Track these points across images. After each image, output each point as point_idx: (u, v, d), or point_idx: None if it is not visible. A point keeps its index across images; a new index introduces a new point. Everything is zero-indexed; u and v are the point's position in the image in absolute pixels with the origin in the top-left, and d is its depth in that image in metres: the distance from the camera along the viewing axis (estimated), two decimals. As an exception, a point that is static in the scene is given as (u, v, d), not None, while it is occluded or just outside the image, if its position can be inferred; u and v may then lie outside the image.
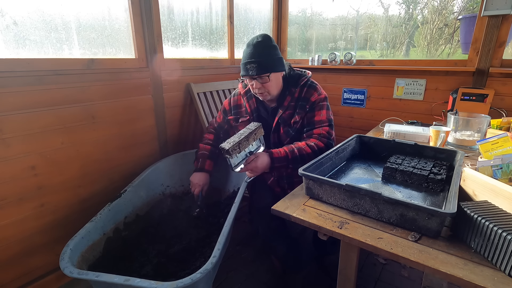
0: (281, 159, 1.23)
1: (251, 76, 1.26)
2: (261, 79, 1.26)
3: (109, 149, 1.54)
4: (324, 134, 1.31)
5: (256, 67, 1.23)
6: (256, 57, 1.23)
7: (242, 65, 1.28)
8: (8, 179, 1.21)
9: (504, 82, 1.82)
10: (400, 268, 1.62)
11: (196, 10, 1.97)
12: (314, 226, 0.83)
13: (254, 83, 1.28)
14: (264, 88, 1.29)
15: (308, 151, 1.25)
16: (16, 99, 1.18)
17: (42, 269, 1.39)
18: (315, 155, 1.18)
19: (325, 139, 1.30)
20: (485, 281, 0.61)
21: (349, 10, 2.49)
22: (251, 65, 1.24)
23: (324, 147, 1.28)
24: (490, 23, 1.78)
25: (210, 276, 0.99)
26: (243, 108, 1.46)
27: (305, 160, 1.19)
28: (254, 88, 1.30)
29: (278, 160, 1.22)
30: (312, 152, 1.25)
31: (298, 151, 1.25)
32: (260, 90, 1.29)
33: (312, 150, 1.26)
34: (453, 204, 0.74)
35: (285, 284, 1.53)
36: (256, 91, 1.31)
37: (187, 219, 1.56)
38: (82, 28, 1.41)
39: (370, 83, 2.32)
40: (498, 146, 1.07)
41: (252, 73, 1.24)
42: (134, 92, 1.60)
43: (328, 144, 1.30)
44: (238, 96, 1.49)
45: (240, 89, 1.49)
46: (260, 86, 1.28)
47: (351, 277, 0.91)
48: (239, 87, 1.50)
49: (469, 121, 1.49)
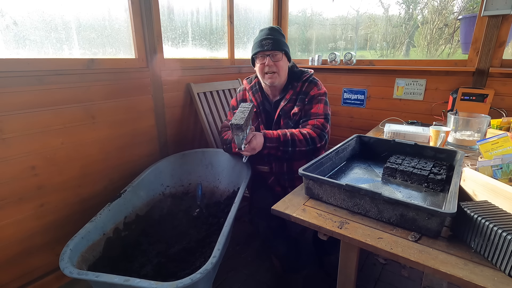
0: (272, 140, 1.27)
1: (265, 52, 1.31)
2: (274, 57, 1.32)
3: (109, 149, 1.54)
4: (318, 125, 1.34)
5: (272, 43, 1.30)
6: (271, 35, 1.32)
7: (257, 43, 1.33)
8: (8, 179, 1.21)
9: (504, 82, 1.82)
10: (400, 268, 1.62)
11: (196, 10, 1.97)
12: (314, 226, 0.83)
13: (267, 60, 1.31)
14: (275, 67, 1.32)
15: (299, 137, 1.29)
16: (16, 99, 1.18)
17: (42, 269, 1.39)
18: (307, 143, 1.29)
19: (319, 130, 1.33)
20: (485, 281, 0.61)
21: (349, 10, 2.49)
22: (266, 41, 1.30)
23: (316, 138, 1.31)
24: (490, 23, 1.78)
25: (210, 276, 0.99)
26: (252, 97, 1.48)
27: (296, 145, 1.28)
28: (266, 65, 1.32)
29: (270, 140, 1.27)
30: (303, 139, 1.29)
31: (290, 135, 1.29)
32: (271, 68, 1.32)
33: (304, 137, 1.29)
34: (453, 204, 0.74)
35: (285, 284, 1.52)
36: (267, 69, 1.33)
37: (187, 219, 1.56)
38: (82, 28, 1.41)
39: (370, 83, 2.32)
40: (498, 146, 1.07)
41: (267, 47, 1.30)
42: (134, 92, 1.60)
43: (321, 135, 1.33)
44: (244, 91, 1.52)
45: (245, 85, 1.52)
46: (272, 63, 1.31)
47: (351, 277, 0.91)
48: (244, 83, 1.53)
49: (469, 121, 1.49)
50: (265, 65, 1.32)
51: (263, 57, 1.32)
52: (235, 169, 1.62)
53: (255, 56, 1.35)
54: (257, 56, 1.34)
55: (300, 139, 1.29)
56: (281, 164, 1.42)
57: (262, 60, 1.33)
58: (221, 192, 1.69)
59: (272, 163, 1.45)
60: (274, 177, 1.47)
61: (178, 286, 0.83)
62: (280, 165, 1.43)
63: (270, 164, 1.46)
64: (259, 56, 1.33)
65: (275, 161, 1.43)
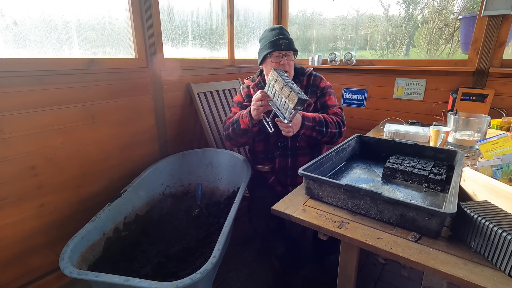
0: (309, 119, 1.31)
1: (281, 51, 1.34)
2: (288, 57, 1.36)
3: (109, 149, 1.54)
4: (338, 113, 1.45)
5: (287, 43, 1.35)
6: (285, 35, 1.37)
7: (272, 42, 1.34)
8: (8, 179, 1.21)
9: (504, 82, 1.82)
10: (400, 268, 1.62)
11: (196, 10, 1.97)
12: (314, 226, 0.83)
13: (283, 59, 1.35)
14: (288, 66, 1.37)
15: (329, 119, 1.37)
16: (16, 99, 1.18)
17: (42, 269, 1.39)
18: (336, 125, 1.38)
19: (340, 117, 1.44)
20: (485, 281, 0.61)
21: (349, 10, 2.49)
22: (283, 40, 1.34)
23: (341, 122, 1.41)
24: (490, 23, 1.78)
25: (210, 276, 0.99)
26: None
27: (329, 126, 1.34)
28: (281, 64, 1.35)
29: (307, 119, 1.30)
30: (333, 121, 1.37)
31: (323, 117, 1.36)
32: (285, 67, 1.36)
33: (332, 120, 1.38)
34: (453, 204, 0.74)
35: (285, 284, 1.52)
36: (281, 67, 1.36)
37: (187, 219, 1.56)
38: (82, 28, 1.41)
39: (370, 83, 2.32)
40: (498, 146, 1.07)
41: (284, 47, 1.34)
42: (134, 92, 1.60)
43: (343, 121, 1.43)
44: (248, 89, 1.52)
45: (248, 83, 1.54)
46: (286, 62, 1.36)
47: (351, 277, 0.91)
48: (246, 82, 1.55)
49: (469, 121, 1.49)
50: (280, 64, 1.35)
51: (278, 56, 1.35)
52: (235, 169, 1.62)
53: (269, 55, 1.36)
54: (272, 55, 1.36)
55: (330, 121, 1.36)
56: (285, 159, 1.43)
57: (277, 59, 1.35)
58: (221, 192, 1.69)
59: (276, 159, 1.45)
60: (275, 177, 1.47)
61: (178, 286, 0.83)
62: (285, 160, 1.44)
63: (274, 161, 1.46)
64: (275, 55, 1.35)
65: (280, 157, 1.44)
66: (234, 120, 1.39)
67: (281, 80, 1.14)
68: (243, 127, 1.33)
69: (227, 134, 1.44)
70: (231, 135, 1.41)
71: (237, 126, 1.36)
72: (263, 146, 1.49)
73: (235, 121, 1.37)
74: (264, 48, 1.38)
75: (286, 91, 1.10)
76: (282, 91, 1.13)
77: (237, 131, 1.37)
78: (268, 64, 1.38)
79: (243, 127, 1.34)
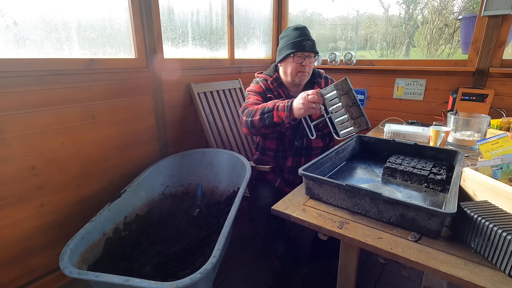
0: None
1: (304, 52, 1.34)
2: (310, 59, 1.37)
3: (109, 149, 1.54)
4: None
5: (312, 45, 1.35)
6: (309, 37, 1.36)
7: (296, 42, 1.34)
8: (8, 179, 1.21)
9: (504, 82, 1.82)
10: (400, 268, 1.62)
11: (196, 10, 1.97)
12: (314, 226, 0.83)
13: (305, 60, 1.35)
14: (308, 68, 1.38)
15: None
16: (16, 99, 1.18)
17: (42, 269, 1.39)
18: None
19: None
20: (485, 281, 0.61)
21: (349, 10, 2.49)
22: (307, 42, 1.34)
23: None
24: (490, 23, 1.78)
25: (210, 276, 0.99)
26: (275, 92, 1.46)
27: None
28: (303, 65, 1.35)
29: None
30: None
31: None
32: (305, 68, 1.37)
33: None
34: (453, 204, 0.74)
35: (285, 284, 1.52)
36: (303, 69, 1.37)
37: (187, 219, 1.56)
38: (82, 28, 1.41)
39: (370, 83, 2.32)
40: (498, 146, 1.07)
41: (309, 49, 1.34)
42: (134, 92, 1.60)
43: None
44: (267, 82, 1.47)
45: (265, 77, 1.50)
46: (308, 64, 1.36)
47: (351, 277, 0.91)
48: (262, 76, 1.51)
49: (469, 121, 1.49)
50: (302, 65, 1.35)
51: (301, 57, 1.35)
52: (235, 169, 1.62)
53: (292, 54, 1.34)
54: (295, 55, 1.35)
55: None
56: (299, 159, 1.45)
57: (300, 60, 1.35)
58: (221, 192, 1.69)
59: (288, 158, 1.45)
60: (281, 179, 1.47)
61: (178, 286, 0.83)
62: (298, 160, 1.45)
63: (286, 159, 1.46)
64: (298, 55, 1.35)
65: (293, 156, 1.45)
66: (265, 109, 1.25)
67: (353, 96, 1.06)
68: (276, 120, 1.22)
69: (250, 121, 1.30)
70: (256, 123, 1.28)
71: (268, 117, 1.24)
72: (275, 144, 1.48)
73: (267, 111, 1.24)
74: (287, 47, 1.36)
75: (356, 111, 1.05)
76: (349, 108, 1.06)
77: (266, 122, 1.25)
78: (289, 63, 1.38)
79: (275, 120, 1.22)
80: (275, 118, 1.22)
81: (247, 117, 1.32)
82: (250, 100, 1.41)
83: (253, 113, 1.30)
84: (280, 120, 1.21)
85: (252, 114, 1.30)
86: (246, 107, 1.38)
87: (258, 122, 1.28)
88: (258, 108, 1.29)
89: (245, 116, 1.34)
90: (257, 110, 1.29)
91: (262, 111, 1.26)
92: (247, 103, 1.41)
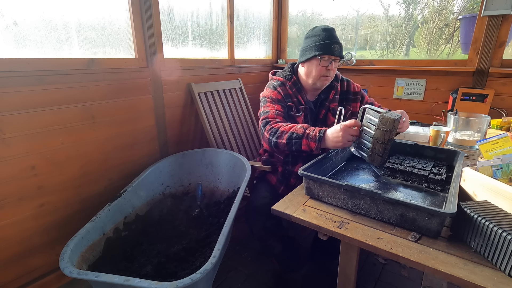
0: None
1: (331, 56, 1.27)
2: (335, 63, 1.30)
3: (109, 149, 1.54)
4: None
5: (340, 49, 1.28)
6: (338, 40, 1.29)
7: (325, 45, 1.26)
8: (8, 179, 1.21)
9: (504, 82, 1.82)
10: (400, 268, 1.62)
11: (196, 10, 1.97)
12: (314, 226, 0.83)
13: (332, 65, 1.29)
14: (333, 72, 1.33)
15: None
16: (16, 99, 1.18)
17: (42, 269, 1.39)
18: None
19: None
20: (485, 281, 0.61)
21: (349, 10, 2.49)
22: (336, 45, 1.27)
23: None
24: (490, 23, 1.78)
25: (210, 276, 0.99)
26: (294, 99, 1.38)
27: None
28: (329, 69, 1.29)
29: None
30: None
31: None
32: (330, 73, 1.31)
33: None
34: (453, 204, 0.74)
35: (285, 284, 1.52)
36: (327, 73, 1.31)
37: (187, 219, 1.56)
38: (82, 28, 1.41)
39: (370, 83, 2.32)
40: (498, 146, 1.07)
41: (337, 53, 1.27)
42: (134, 92, 1.60)
43: None
44: (284, 86, 1.39)
45: (281, 79, 1.41)
46: (333, 69, 1.31)
47: (351, 277, 0.91)
48: (279, 79, 1.41)
49: (469, 121, 1.49)
50: (327, 69, 1.29)
51: (327, 60, 1.28)
52: (235, 169, 1.62)
53: (319, 57, 1.27)
54: (322, 58, 1.27)
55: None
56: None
57: (326, 63, 1.28)
58: (221, 192, 1.69)
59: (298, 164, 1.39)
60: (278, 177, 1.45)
61: (178, 286, 0.83)
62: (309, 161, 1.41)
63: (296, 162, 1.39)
64: (325, 58, 1.27)
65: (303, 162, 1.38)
66: (294, 135, 1.15)
67: (387, 139, 1.00)
68: (304, 148, 1.13)
69: (274, 142, 1.21)
70: (281, 146, 1.19)
71: (296, 143, 1.15)
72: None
73: (296, 137, 1.15)
74: (315, 48, 1.28)
75: (379, 150, 1.02)
76: (376, 142, 1.02)
77: (293, 148, 1.16)
78: (314, 65, 1.30)
79: (304, 149, 1.13)
80: (303, 146, 1.13)
81: (272, 137, 1.22)
82: (270, 111, 1.30)
83: (279, 135, 1.19)
84: (309, 149, 1.12)
85: (278, 135, 1.20)
86: (269, 121, 1.27)
87: (284, 146, 1.18)
88: (285, 130, 1.18)
89: (268, 134, 1.24)
90: (283, 133, 1.18)
91: (290, 136, 1.16)
92: (267, 114, 1.30)
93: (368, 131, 1.06)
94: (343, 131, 1.04)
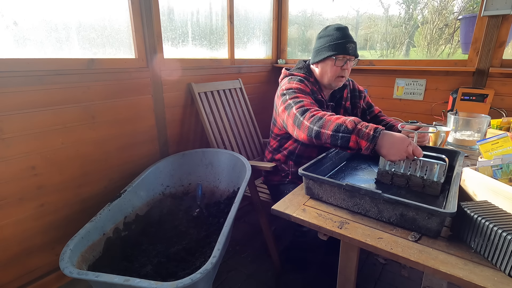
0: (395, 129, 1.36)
1: (346, 56, 1.26)
2: (351, 63, 1.30)
3: (109, 149, 1.54)
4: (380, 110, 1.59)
5: (355, 48, 1.27)
6: (352, 39, 1.28)
7: (340, 44, 1.24)
8: (8, 179, 1.21)
9: (504, 82, 1.82)
10: (400, 268, 1.62)
11: (196, 10, 1.97)
12: (314, 226, 0.83)
13: (347, 65, 1.28)
14: (347, 72, 1.32)
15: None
16: (16, 99, 1.18)
17: (42, 269, 1.39)
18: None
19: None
20: (485, 281, 0.61)
21: (349, 10, 2.49)
22: (351, 45, 1.26)
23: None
24: (490, 23, 1.78)
25: (210, 276, 0.99)
26: (319, 96, 1.36)
27: None
28: (344, 68, 1.28)
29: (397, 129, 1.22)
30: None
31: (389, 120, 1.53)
32: (345, 73, 1.30)
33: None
34: (453, 204, 0.74)
35: (285, 284, 1.52)
36: (342, 73, 1.30)
37: (187, 219, 1.56)
38: (82, 28, 1.41)
39: (370, 83, 2.31)
40: (498, 146, 1.07)
41: (352, 53, 1.26)
42: (134, 92, 1.60)
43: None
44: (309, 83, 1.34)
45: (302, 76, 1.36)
46: (348, 68, 1.30)
47: (351, 277, 0.91)
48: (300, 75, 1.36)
49: (469, 121, 1.49)
50: (342, 69, 1.28)
51: (342, 60, 1.26)
52: (235, 169, 1.62)
53: (334, 57, 1.25)
54: (337, 58, 1.26)
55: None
56: None
57: (341, 63, 1.27)
58: (221, 192, 1.69)
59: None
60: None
61: (178, 286, 0.83)
62: None
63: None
64: (340, 58, 1.26)
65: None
66: (342, 127, 1.00)
67: (407, 176, 1.02)
68: (351, 145, 0.98)
69: (316, 132, 1.05)
70: (323, 137, 1.04)
71: (342, 137, 0.99)
72: (317, 152, 1.37)
73: (344, 130, 0.99)
74: (329, 48, 1.26)
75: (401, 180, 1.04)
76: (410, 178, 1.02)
77: (338, 142, 1.01)
78: (329, 66, 1.28)
79: (350, 145, 0.98)
80: (351, 142, 0.98)
81: (313, 124, 1.07)
82: (304, 100, 1.18)
83: (323, 124, 1.04)
84: (357, 147, 0.98)
85: (322, 124, 1.04)
86: (308, 108, 1.13)
87: (328, 137, 1.02)
88: (331, 119, 1.03)
89: (309, 122, 1.08)
90: (329, 122, 1.03)
91: (337, 128, 1.00)
92: (302, 102, 1.17)
93: (414, 170, 1.02)
94: (408, 154, 0.92)
